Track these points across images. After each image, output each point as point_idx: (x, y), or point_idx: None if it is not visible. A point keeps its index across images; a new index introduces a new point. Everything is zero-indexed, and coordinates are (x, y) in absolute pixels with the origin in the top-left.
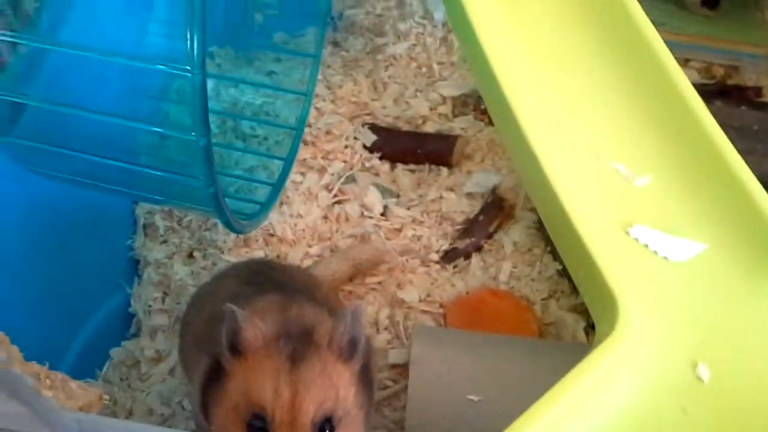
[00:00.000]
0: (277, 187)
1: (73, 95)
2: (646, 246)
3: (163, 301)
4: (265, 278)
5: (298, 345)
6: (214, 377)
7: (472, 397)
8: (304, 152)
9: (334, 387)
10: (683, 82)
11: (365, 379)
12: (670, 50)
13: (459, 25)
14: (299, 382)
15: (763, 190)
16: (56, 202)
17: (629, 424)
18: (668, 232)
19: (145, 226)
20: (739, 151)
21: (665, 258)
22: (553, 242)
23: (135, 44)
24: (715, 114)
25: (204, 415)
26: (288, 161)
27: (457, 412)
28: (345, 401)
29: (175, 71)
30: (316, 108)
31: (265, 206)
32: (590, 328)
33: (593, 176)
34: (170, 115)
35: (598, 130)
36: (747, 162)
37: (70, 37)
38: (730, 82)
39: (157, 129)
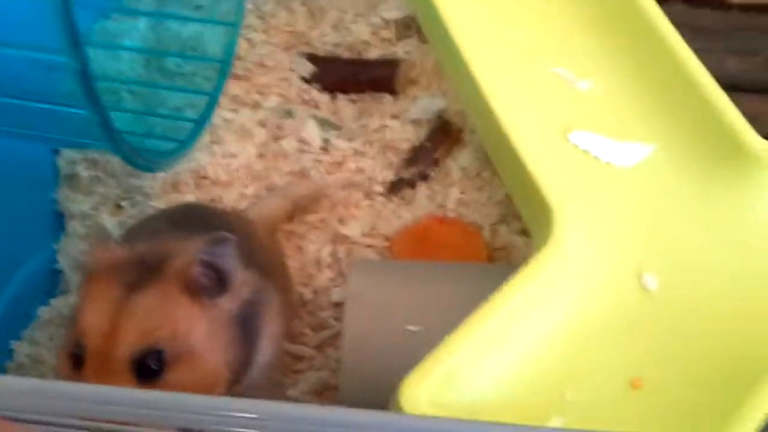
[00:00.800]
0: (200, 123)
1: None
2: (587, 152)
3: None
4: (193, 221)
5: (145, 274)
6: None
7: (410, 327)
8: (235, 87)
9: (170, 319)
10: None
11: (245, 331)
12: None
13: None
14: (126, 309)
15: (718, 88)
16: None
17: (569, 337)
18: (613, 137)
19: (67, 177)
20: (697, 50)
21: (609, 163)
22: (489, 155)
23: None
24: (673, 14)
25: None
26: (213, 96)
27: (394, 344)
28: (188, 338)
29: None
30: (247, 39)
31: (185, 143)
32: None
33: (530, 81)
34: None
35: (537, 35)
36: (705, 61)
37: None
38: None
39: (34, 54)
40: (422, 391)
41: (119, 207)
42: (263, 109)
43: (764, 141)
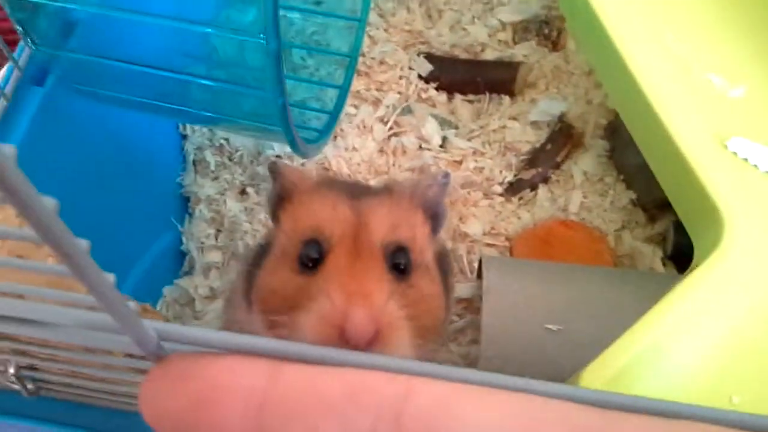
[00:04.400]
0: (335, 114)
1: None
2: (746, 159)
3: (216, 238)
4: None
5: (366, 190)
6: (259, 260)
7: (550, 326)
8: (357, 83)
9: (411, 226)
10: None
11: (444, 279)
12: None
13: None
14: (367, 209)
15: None
16: (104, 140)
17: (738, 344)
18: None
19: (195, 162)
20: None
21: (766, 172)
22: (648, 161)
23: None
24: None
25: (247, 302)
26: (343, 89)
27: (534, 342)
28: (424, 251)
29: None
30: (369, 36)
31: (325, 132)
32: (667, 258)
33: (687, 87)
34: (231, 17)
35: (690, 40)
36: None
37: None
38: None
39: (224, 35)
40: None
41: (244, 193)
42: (383, 105)
43: None
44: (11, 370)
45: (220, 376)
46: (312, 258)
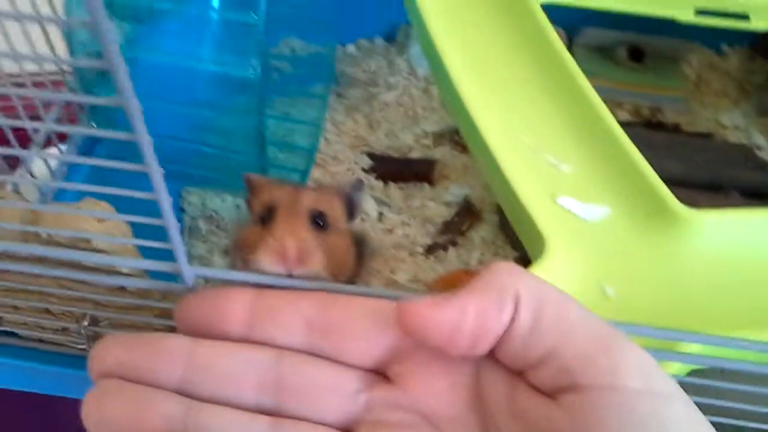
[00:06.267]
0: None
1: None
2: (570, 210)
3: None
4: None
5: (305, 187)
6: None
7: None
8: (315, 172)
9: (330, 203)
10: (597, 101)
11: (359, 249)
12: (604, 95)
13: (436, 71)
14: (303, 191)
15: (653, 173)
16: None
17: None
18: (584, 201)
19: (190, 229)
20: (647, 156)
21: (583, 219)
22: (504, 211)
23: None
24: (635, 135)
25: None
26: (305, 174)
27: None
28: (338, 220)
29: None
30: (325, 138)
31: None
32: None
33: (533, 165)
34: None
35: (537, 133)
36: (652, 162)
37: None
38: (654, 120)
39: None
40: None
41: (226, 253)
42: None
43: (683, 205)
44: (85, 323)
45: (228, 293)
46: (266, 217)
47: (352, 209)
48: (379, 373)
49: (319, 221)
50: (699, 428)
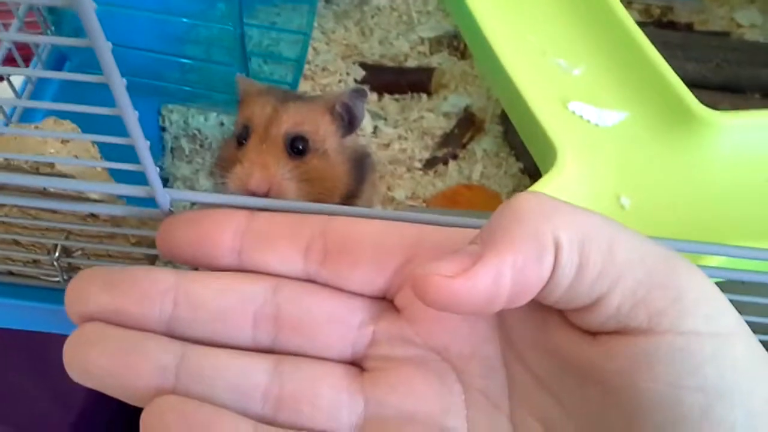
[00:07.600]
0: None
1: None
2: (581, 117)
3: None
4: None
5: (295, 97)
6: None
7: None
8: (303, 85)
9: (315, 123)
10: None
11: (357, 171)
12: None
13: None
14: (283, 108)
15: (672, 72)
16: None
17: None
18: (598, 106)
19: (172, 149)
20: (663, 56)
21: (596, 125)
22: (512, 121)
23: None
24: (647, 35)
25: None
26: (293, 86)
27: None
28: (324, 141)
29: None
30: (314, 48)
31: None
32: None
33: (541, 69)
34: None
35: (545, 34)
36: (670, 62)
37: None
38: (665, 19)
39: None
40: None
41: (212, 173)
42: None
43: (705, 107)
44: (56, 254)
45: (216, 216)
46: (242, 137)
47: (351, 121)
48: (387, 300)
49: (297, 146)
50: (758, 368)
